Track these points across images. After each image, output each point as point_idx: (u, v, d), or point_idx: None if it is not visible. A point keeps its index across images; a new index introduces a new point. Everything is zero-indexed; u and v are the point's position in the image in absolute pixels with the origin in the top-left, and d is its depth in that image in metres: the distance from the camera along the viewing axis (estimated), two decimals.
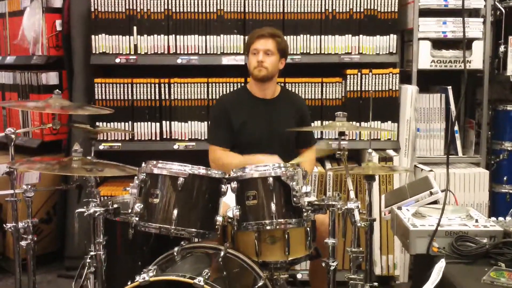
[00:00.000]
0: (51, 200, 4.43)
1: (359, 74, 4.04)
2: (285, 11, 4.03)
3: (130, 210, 2.52)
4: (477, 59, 4.02)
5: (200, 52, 4.06)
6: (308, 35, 4.04)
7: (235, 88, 3.95)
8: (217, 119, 3.35)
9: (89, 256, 2.60)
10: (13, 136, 2.91)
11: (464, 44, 3.97)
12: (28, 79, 4.47)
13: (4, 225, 2.97)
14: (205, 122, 4.03)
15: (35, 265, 2.93)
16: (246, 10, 4.03)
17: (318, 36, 4.05)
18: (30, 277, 2.92)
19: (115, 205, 2.54)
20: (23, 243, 2.85)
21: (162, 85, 4.07)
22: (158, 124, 4.09)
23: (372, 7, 4.03)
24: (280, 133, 3.27)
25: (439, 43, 4.06)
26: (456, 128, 4.14)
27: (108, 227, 2.55)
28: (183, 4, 4.03)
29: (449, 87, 4.11)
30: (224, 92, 4.00)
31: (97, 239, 2.48)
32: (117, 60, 4.06)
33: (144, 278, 2.20)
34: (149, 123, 4.08)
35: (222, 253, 2.53)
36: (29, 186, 2.85)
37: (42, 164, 2.91)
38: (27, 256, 2.89)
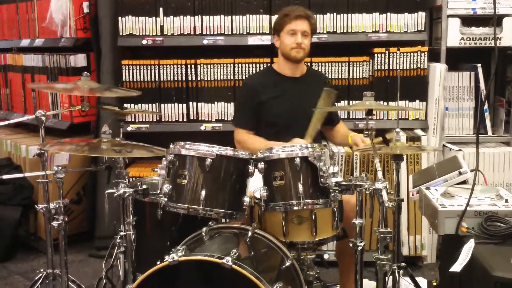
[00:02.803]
0: (81, 181, 4.50)
1: (386, 52, 3.99)
2: None
3: (158, 191, 2.55)
4: (507, 36, 3.94)
5: (226, 33, 4.06)
6: (335, 14, 4.00)
7: (261, 68, 3.94)
8: (244, 101, 3.35)
9: (119, 236, 2.65)
10: (43, 118, 2.95)
11: (495, 20, 3.89)
12: (56, 61, 4.52)
13: (36, 206, 3.03)
14: (232, 103, 4.03)
15: (67, 244, 2.98)
16: None
17: (345, 15, 4.00)
18: (62, 256, 2.97)
19: (144, 186, 2.57)
20: (54, 223, 2.90)
21: (189, 66, 4.08)
22: (185, 105, 4.11)
23: None
24: (309, 110, 3.26)
25: (468, 20, 3.99)
26: (485, 106, 4.08)
27: (137, 207, 2.59)
28: None
29: (479, 65, 4.04)
30: (251, 73, 4.00)
31: (126, 219, 2.51)
32: (144, 42, 4.08)
33: (173, 258, 2.22)
34: (176, 104, 4.11)
35: (249, 234, 2.54)
36: (60, 168, 2.89)
37: (72, 146, 2.95)
38: (58, 236, 2.95)
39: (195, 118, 4.12)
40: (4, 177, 3.64)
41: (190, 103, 4.10)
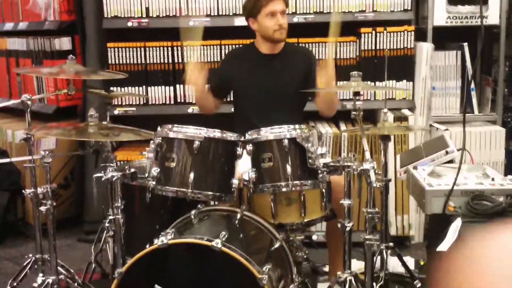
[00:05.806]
0: (69, 165, 4.47)
1: (373, 32, 3.98)
2: None
3: (147, 174, 2.55)
4: (493, 14, 3.95)
5: (212, 14, 4.02)
6: None
7: None
8: (219, 68, 3.36)
9: (108, 220, 2.65)
10: (29, 102, 2.92)
11: None
12: (41, 45, 4.47)
13: (23, 191, 3.01)
14: None
15: (55, 229, 2.97)
16: None
17: None
18: (51, 241, 2.96)
19: (132, 170, 2.56)
20: (42, 208, 2.89)
21: (175, 48, 4.05)
22: (172, 87, 4.08)
23: None
24: (286, 85, 3.24)
25: None
26: (472, 85, 4.09)
27: (126, 191, 2.59)
28: None
29: (465, 44, 4.05)
30: None
31: (115, 203, 2.51)
32: (129, 24, 4.03)
33: (163, 241, 2.23)
34: (163, 87, 4.08)
35: (238, 216, 2.55)
36: (47, 152, 2.87)
37: (59, 130, 2.94)
38: (47, 221, 2.94)
39: (182, 101, 4.10)
40: None
41: (177, 86, 4.08)
